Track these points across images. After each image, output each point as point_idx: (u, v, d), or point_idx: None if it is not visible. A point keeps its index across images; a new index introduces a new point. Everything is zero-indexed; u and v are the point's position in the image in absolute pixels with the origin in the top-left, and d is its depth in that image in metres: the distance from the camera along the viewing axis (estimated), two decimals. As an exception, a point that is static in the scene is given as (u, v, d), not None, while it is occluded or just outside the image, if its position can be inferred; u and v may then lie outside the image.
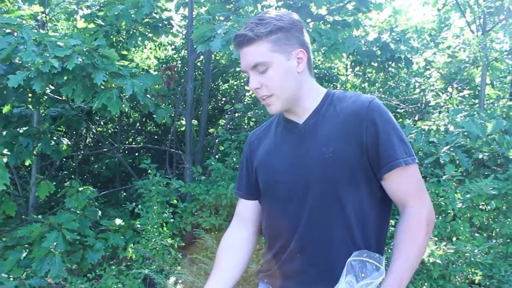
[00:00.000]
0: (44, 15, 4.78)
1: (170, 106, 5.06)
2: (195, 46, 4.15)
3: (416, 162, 1.40)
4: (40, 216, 4.16)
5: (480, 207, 3.45)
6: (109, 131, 7.17)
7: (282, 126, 1.56)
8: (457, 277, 3.14)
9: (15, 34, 3.43)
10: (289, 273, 1.48)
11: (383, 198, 1.44)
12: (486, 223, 3.68)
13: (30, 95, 4.32)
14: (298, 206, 1.44)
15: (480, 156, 3.63)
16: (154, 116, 4.45)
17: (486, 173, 3.75)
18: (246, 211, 1.66)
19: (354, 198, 1.40)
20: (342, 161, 1.38)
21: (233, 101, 6.15)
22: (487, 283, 3.21)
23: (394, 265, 1.32)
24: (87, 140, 7.06)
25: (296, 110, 1.50)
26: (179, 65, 6.53)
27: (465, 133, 3.78)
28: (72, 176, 6.31)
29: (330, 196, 1.40)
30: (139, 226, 4.24)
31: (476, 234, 3.45)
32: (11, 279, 3.63)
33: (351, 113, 1.41)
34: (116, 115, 5.97)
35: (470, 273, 3.26)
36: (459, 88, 5.97)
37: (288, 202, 1.47)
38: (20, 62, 3.45)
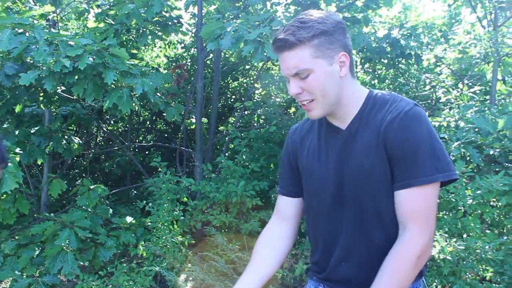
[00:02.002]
0: (55, 15, 4.82)
1: (180, 104, 5.08)
2: (204, 44, 4.16)
3: (435, 181, 1.33)
4: (52, 214, 4.21)
5: (491, 203, 3.43)
6: (120, 129, 7.22)
7: (325, 128, 1.53)
8: (467, 273, 3.13)
9: (27, 34, 3.47)
10: (337, 279, 1.51)
11: None
12: (497, 220, 3.65)
13: (41, 94, 4.37)
14: (341, 215, 1.46)
15: (491, 152, 3.61)
16: (164, 114, 4.47)
17: (497, 169, 3.73)
18: (287, 207, 1.66)
19: (392, 208, 1.39)
20: (378, 174, 1.38)
21: (243, 99, 6.16)
22: (498, 280, 3.18)
23: None
24: (98, 139, 7.12)
25: (338, 114, 1.47)
26: (189, 64, 6.55)
27: (476, 129, 3.76)
28: (83, 175, 6.37)
29: (369, 207, 1.41)
30: (149, 224, 4.27)
31: (487, 231, 3.43)
32: (25, 276, 3.68)
33: (385, 125, 1.37)
34: (127, 114, 6.00)
35: (481, 269, 3.23)
36: (470, 84, 5.92)
37: (332, 210, 1.48)
38: (32, 61, 3.49)
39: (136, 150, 6.83)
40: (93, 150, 6.59)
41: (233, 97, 7.21)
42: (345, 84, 1.43)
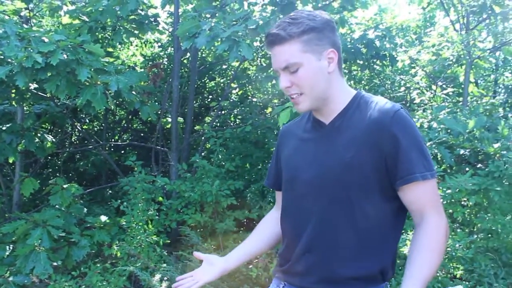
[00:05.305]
0: (27, 11, 4.74)
1: (156, 103, 5.05)
2: (181, 43, 4.14)
3: (435, 177, 1.41)
4: (24, 214, 4.13)
5: (462, 202, 3.49)
6: (95, 128, 7.14)
7: (311, 124, 1.58)
8: (438, 271, 3.18)
9: (-2, 29, 3.41)
10: (297, 272, 1.52)
11: (399, 208, 1.45)
12: (468, 219, 3.73)
13: (13, 91, 4.29)
14: (311, 205, 1.48)
15: (462, 152, 3.68)
16: (140, 113, 4.44)
17: (467, 169, 3.80)
18: (279, 199, 1.72)
19: (367, 205, 1.41)
20: (358, 168, 1.40)
21: (219, 99, 6.15)
22: (468, 277, 3.25)
23: (420, 272, 1.35)
24: (73, 138, 7.02)
25: (324, 110, 1.50)
26: (166, 63, 6.51)
27: (448, 130, 3.82)
28: (57, 174, 6.27)
29: (341, 200, 1.42)
30: (124, 223, 4.23)
31: (458, 230, 3.50)
32: (-6, 276, 3.61)
33: (375, 121, 1.41)
34: (101, 112, 5.94)
35: (452, 267, 3.30)
36: (443, 86, 6.02)
37: (303, 200, 1.50)
38: (2, 57, 3.43)
39: (112, 149, 6.76)
40: (67, 149, 6.49)
41: (210, 96, 7.19)
42: (333, 80, 1.47)
